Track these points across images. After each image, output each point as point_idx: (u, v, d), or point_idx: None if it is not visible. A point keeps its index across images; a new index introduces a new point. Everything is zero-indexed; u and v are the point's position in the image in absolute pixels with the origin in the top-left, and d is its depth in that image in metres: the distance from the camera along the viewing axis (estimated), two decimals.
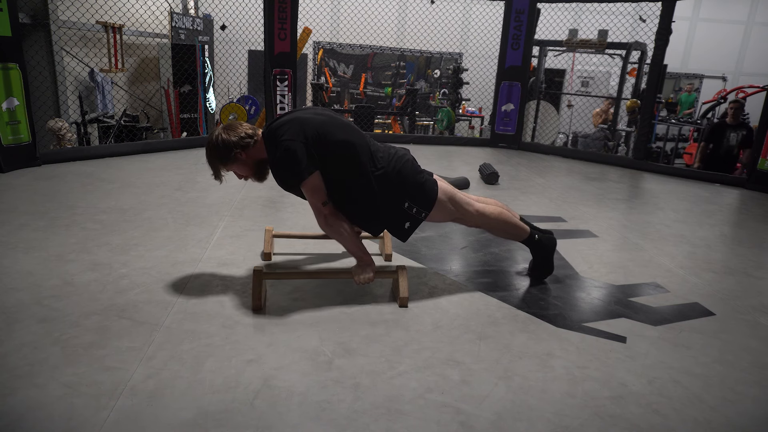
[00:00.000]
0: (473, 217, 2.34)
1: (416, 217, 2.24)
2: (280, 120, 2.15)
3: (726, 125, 6.12)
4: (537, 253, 2.51)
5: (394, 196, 2.19)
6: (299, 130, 2.06)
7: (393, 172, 2.18)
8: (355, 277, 2.19)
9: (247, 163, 2.18)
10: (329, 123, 2.13)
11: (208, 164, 2.20)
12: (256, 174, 2.23)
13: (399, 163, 2.21)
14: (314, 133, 2.06)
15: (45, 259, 2.43)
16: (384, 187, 2.17)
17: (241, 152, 2.14)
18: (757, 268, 2.91)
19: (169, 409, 1.48)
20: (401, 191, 2.20)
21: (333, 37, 10.71)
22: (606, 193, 4.51)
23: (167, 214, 3.17)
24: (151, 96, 7.99)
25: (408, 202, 2.21)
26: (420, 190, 2.23)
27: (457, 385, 1.66)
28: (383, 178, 2.16)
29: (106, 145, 5.98)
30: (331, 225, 2.14)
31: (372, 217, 2.24)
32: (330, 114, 2.22)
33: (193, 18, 8.37)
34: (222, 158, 2.15)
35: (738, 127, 6.03)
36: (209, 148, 2.17)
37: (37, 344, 1.75)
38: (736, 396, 1.71)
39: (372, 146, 2.20)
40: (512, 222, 2.41)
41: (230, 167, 2.20)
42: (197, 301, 2.12)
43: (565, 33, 7.29)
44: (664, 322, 2.17)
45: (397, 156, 2.24)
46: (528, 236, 2.44)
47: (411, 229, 2.27)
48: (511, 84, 6.34)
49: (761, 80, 9.69)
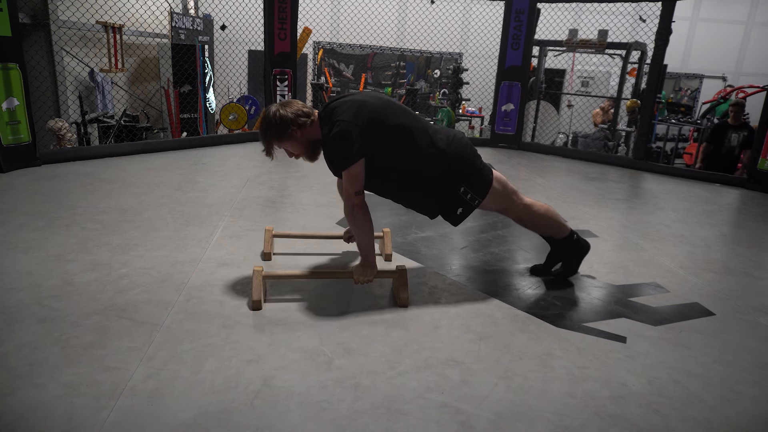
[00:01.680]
0: (520, 210, 2.38)
1: (470, 204, 2.26)
2: (339, 100, 2.16)
3: (727, 126, 6.13)
4: (569, 253, 2.52)
5: (451, 180, 2.20)
6: (356, 113, 2.06)
7: (452, 155, 2.18)
8: (356, 276, 2.19)
9: (301, 141, 2.18)
10: (385, 107, 2.14)
11: (262, 139, 2.19)
12: (308, 153, 2.24)
13: (458, 146, 2.22)
14: (369, 117, 2.07)
15: (45, 259, 2.43)
16: (442, 170, 2.17)
17: (296, 130, 2.14)
18: (757, 268, 2.91)
19: (169, 409, 1.48)
20: (459, 175, 2.21)
21: (333, 37, 10.71)
22: (606, 193, 4.51)
23: (167, 214, 3.17)
24: (151, 96, 7.99)
25: (464, 187, 2.22)
26: (477, 175, 2.24)
27: (457, 385, 1.66)
28: (442, 160, 2.16)
29: (106, 145, 5.98)
30: (356, 216, 2.14)
31: (427, 200, 2.26)
32: (386, 98, 2.23)
33: (193, 18, 8.37)
34: (277, 135, 2.15)
35: (739, 128, 6.03)
36: (265, 123, 2.16)
37: (37, 344, 1.75)
38: (736, 396, 1.70)
39: (430, 129, 2.21)
40: (557, 218, 2.45)
41: (284, 144, 2.20)
42: (197, 301, 2.12)
43: (565, 33, 7.29)
44: (664, 322, 2.17)
45: (456, 138, 2.24)
46: (568, 234, 2.47)
47: (463, 216, 2.28)
48: (511, 84, 6.34)
49: (761, 80, 9.68)
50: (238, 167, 4.59)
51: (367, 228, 2.17)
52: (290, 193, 3.94)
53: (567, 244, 2.49)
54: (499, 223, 3.39)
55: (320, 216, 3.33)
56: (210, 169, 4.53)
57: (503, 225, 3.37)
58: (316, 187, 4.01)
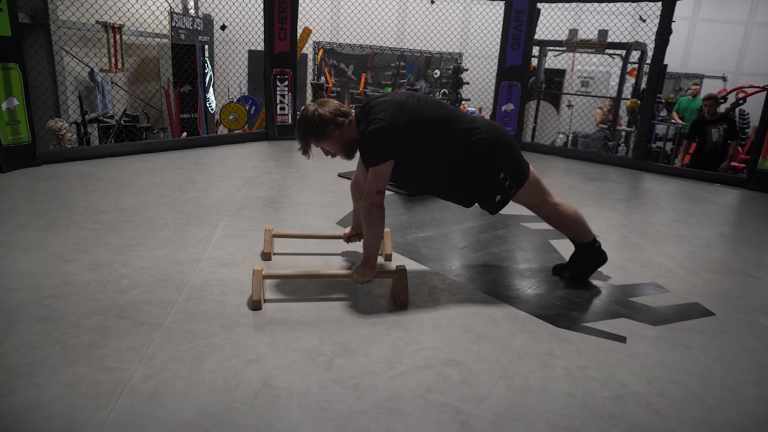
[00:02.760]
0: (550, 207, 2.42)
1: (508, 192, 2.30)
2: (377, 100, 2.22)
3: (705, 121, 5.93)
4: (586, 260, 2.54)
5: (491, 165, 2.25)
6: (394, 113, 2.11)
7: (494, 141, 2.23)
8: (355, 276, 2.19)
9: (339, 140, 2.23)
10: (423, 105, 2.20)
11: (299, 138, 2.23)
12: (345, 152, 2.29)
13: (499, 134, 2.28)
14: (408, 117, 2.13)
15: (45, 259, 2.43)
16: (482, 155, 2.22)
17: (335, 129, 2.19)
18: (757, 268, 2.91)
19: (169, 409, 1.48)
20: (499, 162, 2.25)
21: (333, 37, 10.71)
22: (606, 193, 4.51)
23: (167, 214, 3.17)
24: (151, 96, 7.99)
25: (504, 173, 2.26)
26: (516, 164, 2.29)
27: (457, 385, 1.66)
28: (482, 144, 2.21)
29: (106, 145, 5.98)
30: (371, 214, 2.16)
31: (468, 188, 2.31)
32: (422, 96, 2.28)
33: (193, 18, 8.37)
34: (316, 134, 2.19)
35: (718, 122, 5.86)
36: (303, 122, 2.20)
37: (36, 344, 1.75)
38: (736, 396, 1.70)
39: (469, 119, 2.26)
40: (583, 222, 2.48)
41: (321, 143, 2.24)
42: (197, 301, 2.12)
43: (565, 33, 7.28)
44: (664, 322, 2.17)
45: (496, 127, 2.32)
46: (591, 240, 2.50)
47: (501, 204, 2.33)
48: (511, 84, 6.34)
49: (761, 80, 9.67)
50: (238, 167, 4.59)
51: (378, 228, 2.20)
52: (290, 193, 3.94)
53: (588, 248, 2.51)
54: (499, 223, 3.39)
55: (320, 216, 3.33)
56: (210, 169, 4.53)
57: (503, 225, 3.37)
58: (316, 187, 4.01)
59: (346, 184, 4.04)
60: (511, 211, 3.64)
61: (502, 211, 3.58)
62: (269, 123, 6.06)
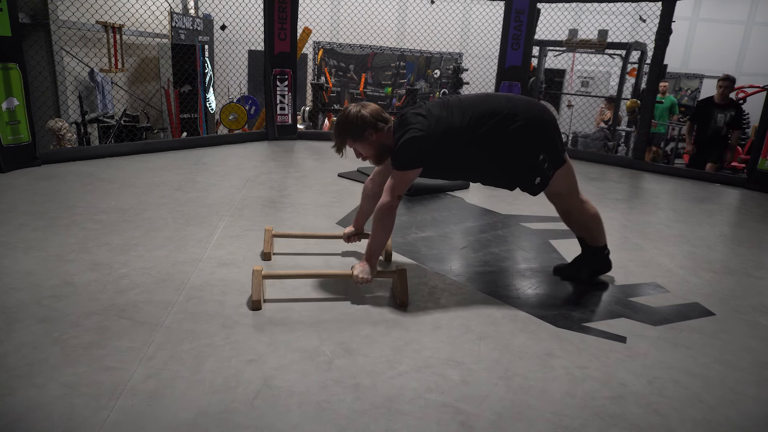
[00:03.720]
0: (575, 201, 2.41)
1: (546, 173, 2.28)
2: (414, 110, 2.22)
3: (713, 104, 5.71)
4: (592, 264, 2.53)
5: (531, 147, 2.23)
6: (429, 125, 2.13)
7: (531, 122, 2.21)
8: (355, 275, 2.19)
9: (374, 144, 2.24)
10: (456, 112, 2.18)
11: (336, 136, 2.24)
12: (376, 156, 2.30)
13: (540, 113, 2.26)
14: (443, 129, 2.14)
15: (45, 259, 2.43)
16: (522, 139, 2.20)
17: (373, 133, 2.21)
18: (757, 268, 2.91)
19: (169, 409, 1.48)
20: (541, 142, 2.23)
21: (333, 37, 10.71)
22: (606, 193, 4.51)
23: (167, 214, 3.17)
24: (151, 96, 7.99)
25: (543, 154, 2.24)
26: (555, 147, 2.27)
27: (457, 385, 1.66)
28: (521, 130, 2.19)
29: (106, 145, 5.98)
30: (384, 215, 2.17)
31: (509, 173, 2.30)
32: (452, 101, 2.25)
33: (193, 18, 8.37)
34: (354, 134, 2.21)
35: (726, 107, 5.64)
36: (343, 121, 2.22)
37: (36, 344, 1.75)
38: (736, 396, 1.70)
39: (506, 102, 2.23)
40: (602, 225, 2.48)
41: (357, 144, 2.26)
42: (197, 301, 2.12)
43: (565, 33, 7.29)
44: (664, 322, 2.17)
45: (537, 108, 2.28)
46: (602, 245, 2.49)
47: (541, 186, 2.31)
48: (511, 84, 6.34)
49: (761, 80, 9.68)
50: (238, 167, 4.59)
51: (388, 231, 2.21)
52: (290, 193, 3.94)
53: (597, 253, 2.50)
54: (499, 223, 3.39)
55: (320, 216, 3.33)
56: (210, 169, 4.53)
57: (503, 225, 3.37)
58: (316, 187, 4.01)
59: (346, 184, 4.05)
60: (512, 211, 3.65)
61: (502, 212, 3.61)
62: (269, 123, 6.06)
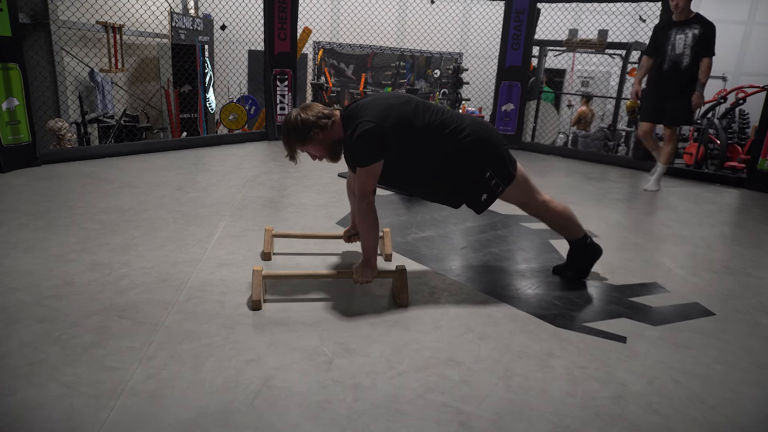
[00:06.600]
0: (538, 206, 2.40)
1: (494, 190, 2.28)
2: (363, 101, 2.20)
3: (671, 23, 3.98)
4: (581, 256, 2.53)
5: (477, 164, 2.23)
6: (383, 115, 2.10)
7: (479, 139, 2.21)
8: (355, 276, 2.19)
9: (324, 143, 2.22)
10: (410, 109, 2.17)
11: (285, 145, 2.23)
12: (330, 154, 2.27)
13: (485, 130, 2.26)
14: (395, 121, 2.10)
15: (45, 259, 2.43)
16: (467, 154, 2.20)
17: (318, 132, 2.17)
18: (756, 268, 2.91)
19: (169, 409, 1.48)
20: (485, 159, 2.23)
21: (333, 37, 10.71)
22: (606, 193, 4.51)
23: (167, 214, 3.17)
24: (151, 96, 7.99)
25: (490, 171, 2.24)
26: (502, 162, 2.27)
27: (457, 385, 1.66)
28: (467, 144, 2.19)
29: (106, 145, 5.98)
30: (365, 214, 2.17)
31: (454, 188, 2.29)
32: (407, 97, 2.25)
33: (193, 18, 8.37)
34: (300, 138, 2.18)
35: (685, 24, 3.88)
36: (287, 128, 2.20)
37: (36, 344, 1.75)
38: (736, 396, 1.70)
39: (455, 117, 2.24)
40: (573, 219, 2.47)
41: (307, 147, 2.23)
42: (197, 301, 2.12)
43: (565, 33, 7.29)
44: (664, 322, 2.17)
45: (482, 123, 2.29)
46: (582, 237, 2.49)
47: (487, 203, 2.31)
48: (511, 84, 6.34)
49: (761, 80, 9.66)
50: (238, 167, 4.59)
51: (375, 229, 2.21)
52: (290, 193, 3.94)
53: (580, 244, 2.51)
54: (499, 223, 3.39)
55: (320, 216, 3.33)
56: (210, 169, 4.53)
57: (503, 225, 3.37)
58: (316, 187, 4.01)
59: (345, 184, 4.03)
60: (511, 211, 3.64)
61: (503, 211, 3.61)
62: (269, 123, 6.06)
